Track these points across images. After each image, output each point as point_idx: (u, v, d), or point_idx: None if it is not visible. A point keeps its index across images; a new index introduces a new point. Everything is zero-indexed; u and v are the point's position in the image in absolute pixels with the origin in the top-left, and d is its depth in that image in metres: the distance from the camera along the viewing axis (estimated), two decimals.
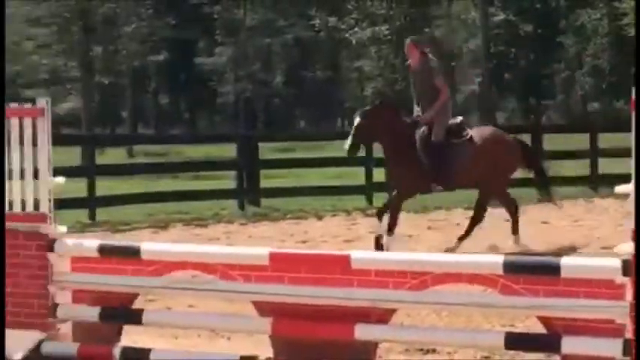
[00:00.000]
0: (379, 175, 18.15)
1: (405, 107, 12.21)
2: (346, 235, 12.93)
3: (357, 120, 10.93)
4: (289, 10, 53.05)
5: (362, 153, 11.75)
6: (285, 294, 5.81)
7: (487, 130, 11.70)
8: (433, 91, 11.11)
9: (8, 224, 6.46)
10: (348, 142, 10.82)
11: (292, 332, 5.81)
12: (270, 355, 5.98)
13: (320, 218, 15.24)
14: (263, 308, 5.93)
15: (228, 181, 18.77)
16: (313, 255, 6.02)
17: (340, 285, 5.71)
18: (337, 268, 5.75)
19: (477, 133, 11.30)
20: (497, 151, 11.14)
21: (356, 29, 29.19)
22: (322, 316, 5.74)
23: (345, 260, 5.73)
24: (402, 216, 11.36)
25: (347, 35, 30.00)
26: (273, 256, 5.87)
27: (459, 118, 11.37)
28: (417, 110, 11.25)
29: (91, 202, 15.81)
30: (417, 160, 10.88)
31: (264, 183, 17.78)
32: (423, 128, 10.99)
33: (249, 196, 17.17)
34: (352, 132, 10.90)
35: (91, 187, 15.83)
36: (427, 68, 11.20)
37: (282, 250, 6.58)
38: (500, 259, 5.46)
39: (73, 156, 17.12)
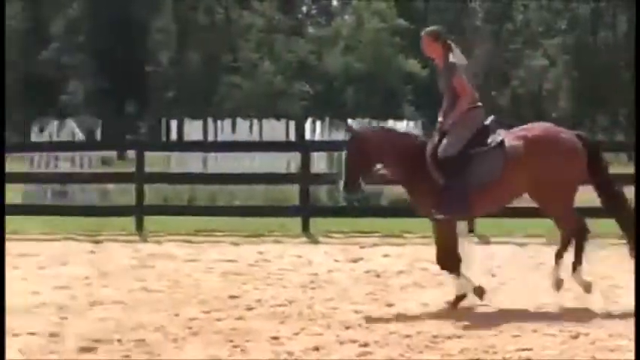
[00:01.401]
0: None
1: None
2: None
3: (347, 146, 8.39)
4: None
5: None
6: None
7: (529, 132, 8.47)
8: (452, 94, 8.47)
9: None
10: (342, 179, 8.27)
11: None
12: None
13: None
14: None
15: None
16: None
17: None
18: None
19: (512, 136, 8.41)
20: (542, 159, 8.25)
21: None
22: None
23: None
24: None
25: None
26: None
27: (489, 119, 8.52)
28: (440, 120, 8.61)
29: None
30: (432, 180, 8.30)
31: None
32: (436, 139, 8.41)
33: None
34: (344, 164, 8.33)
35: None
36: (448, 65, 8.48)
37: None
38: None
39: None
